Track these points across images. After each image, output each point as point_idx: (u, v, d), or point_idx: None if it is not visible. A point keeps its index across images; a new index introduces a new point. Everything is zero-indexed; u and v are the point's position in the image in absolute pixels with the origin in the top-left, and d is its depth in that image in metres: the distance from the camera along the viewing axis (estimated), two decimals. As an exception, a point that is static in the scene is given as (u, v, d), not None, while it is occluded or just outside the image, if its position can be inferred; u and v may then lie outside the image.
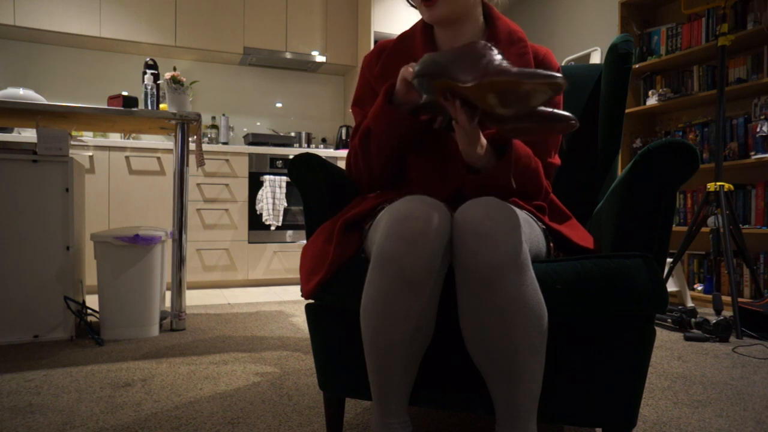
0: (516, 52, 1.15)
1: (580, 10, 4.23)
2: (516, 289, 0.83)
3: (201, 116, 2.60)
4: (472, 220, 0.84)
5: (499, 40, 1.16)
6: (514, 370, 0.87)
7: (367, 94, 1.25)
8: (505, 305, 0.83)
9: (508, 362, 0.86)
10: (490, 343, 0.86)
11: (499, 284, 0.83)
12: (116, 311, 2.22)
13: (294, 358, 1.94)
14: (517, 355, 0.86)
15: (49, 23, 3.66)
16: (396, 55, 1.21)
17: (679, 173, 0.95)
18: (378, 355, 0.92)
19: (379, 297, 0.88)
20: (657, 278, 0.93)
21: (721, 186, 2.61)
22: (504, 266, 0.82)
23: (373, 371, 0.94)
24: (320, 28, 4.45)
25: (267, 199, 3.78)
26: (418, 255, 0.84)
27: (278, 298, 3.39)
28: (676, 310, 2.51)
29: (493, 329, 0.85)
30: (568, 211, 1.22)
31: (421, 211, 0.85)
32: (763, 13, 3.00)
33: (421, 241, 0.84)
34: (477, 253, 0.83)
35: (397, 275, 0.85)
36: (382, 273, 0.87)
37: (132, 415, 1.39)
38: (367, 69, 1.25)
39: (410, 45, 1.21)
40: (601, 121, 1.44)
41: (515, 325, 0.84)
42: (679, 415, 1.42)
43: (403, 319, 0.88)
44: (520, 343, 0.85)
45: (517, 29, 1.20)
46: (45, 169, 2.18)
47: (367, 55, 1.27)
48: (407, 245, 0.84)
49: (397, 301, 0.87)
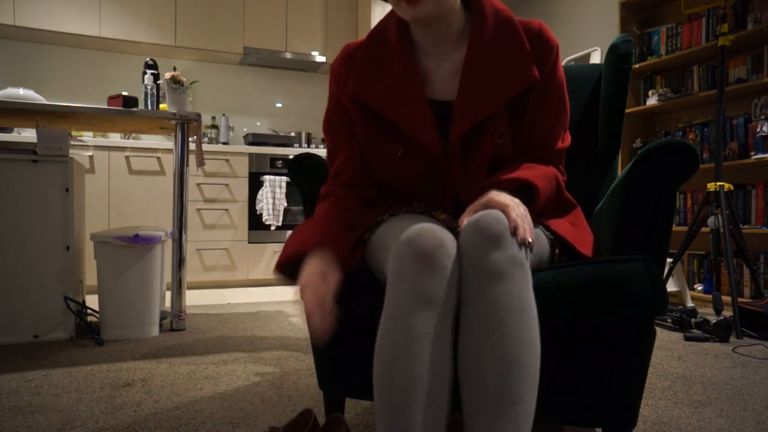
0: (506, 37, 1.05)
1: (580, 10, 4.23)
2: (520, 289, 0.81)
3: (201, 116, 2.60)
4: (483, 225, 0.83)
5: (485, 24, 1.06)
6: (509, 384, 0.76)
7: (338, 115, 1.13)
8: (508, 305, 0.79)
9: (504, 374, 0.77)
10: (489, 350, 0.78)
11: (505, 279, 0.80)
12: (116, 311, 2.22)
13: (294, 358, 1.94)
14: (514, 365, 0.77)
15: (49, 23, 3.66)
16: (370, 65, 1.08)
17: (679, 173, 0.95)
18: (393, 394, 0.77)
19: (397, 320, 0.81)
20: (657, 281, 0.93)
21: (721, 186, 2.61)
22: (512, 263, 0.81)
23: (384, 418, 0.77)
24: (320, 28, 4.45)
25: (267, 199, 3.78)
26: (434, 272, 0.81)
27: (278, 298, 3.39)
28: (676, 310, 2.51)
29: (492, 334, 0.79)
30: (573, 199, 1.17)
31: (430, 229, 0.84)
32: (763, 13, 3.00)
33: (436, 257, 0.82)
34: (486, 251, 0.82)
35: (413, 293, 0.81)
36: (398, 294, 0.83)
37: (132, 415, 1.39)
38: (336, 83, 1.12)
39: (384, 48, 1.09)
40: (601, 121, 1.44)
41: (516, 329, 0.79)
42: (679, 415, 1.42)
43: (421, 344, 0.78)
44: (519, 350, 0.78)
45: (503, 8, 1.08)
46: (45, 169, 2.18)
47: (334, 64, 1.13)
48: (422, 263, 0.82)
49: (415, 322, 0.79)
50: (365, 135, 1.10)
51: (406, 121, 1.05)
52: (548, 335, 1.01)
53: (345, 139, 1.14)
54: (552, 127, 1.10)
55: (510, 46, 1.04)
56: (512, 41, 1.04)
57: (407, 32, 1.10)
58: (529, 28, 1.06)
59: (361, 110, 1.09)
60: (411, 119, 1.05)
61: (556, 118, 1.10)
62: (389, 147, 1.08)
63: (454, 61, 1.09)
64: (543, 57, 1.06)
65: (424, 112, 1.04)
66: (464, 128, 1.03)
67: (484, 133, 1.05)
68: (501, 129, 1.05)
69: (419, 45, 1.09)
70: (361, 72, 1.08)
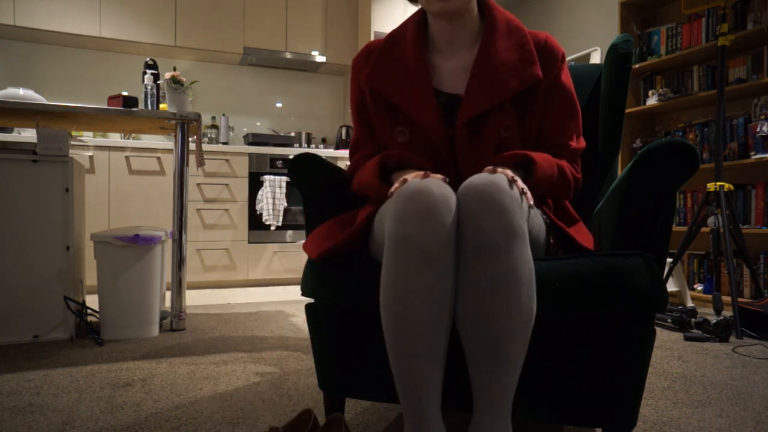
0: (515, 42, 1.14)
1: (580, 10, 4.23)
2: (518, 257, 0.84)
3: (201, 116, 2.60)
4: (478, 189, 0.85)
5: (497, 29, 1.15)
6: (503, 348, 0.86)
7: (362, 99, 1.23)
8: (507, 272, 0.84)
9: (499, 338, 0.86)
10: (485, 315, 0.85)
11: (504, 250, 0.83)
12: (116, 311, 2.22)
13: (294, 358, 1.94)
14: (509, 330, 0.85)
15: (49, 23, 3.66)
16: (385, 58, 1.18)
17: (679, 173, 0.95)
18: (404, 350, 0.87)
19: (399, 280, 0.86)
20: (656, 277, 0.93)
21: (721, 186, 2.61)
22: (509, 233, 0.83)
23: (400, 372, 0.88)
24: (320, 28, 4.45)
25: (267, 199, 3.78)
26: (433, 230, 0.84)
27: (278, 298, 3.39)
28: (676, 310, 2.51)
29: (491, 299, 0.85)
30: (576, 214, 1.21)
31: (426, 187, 0.86)
32: (763, 13, 3.00)
33: (433, 215, 0.84)
34: (482, 219, 0.84)
35: (414, 254, 0.85)
36: (398, 254, 0.86)
37: (132, 415, 1.39)
38: (357, 72, 1.23)
39: (400, 45, 1.19)
40: (601, 121, 1.44)
41: (514, 298, 0.85)
42: (679, 415, 1.42)
43: (425, 299, 0.85)
44: (514, 317, 0.85)
45: (513, 18, 1.18)
46: (45, 169, 2.18)
47: (356, 57, 1.25)
48: (420, 222, 0.85)
49: (417, 279, 0.85)
50: (377, 120, 1.19)
51: (411, 106, 1.13)
52: (548, 335, 1.01)
53: (362, 120, 1.25)
54: (562, 128, 1.16)
55: (518, 50, 1.13)
56: (520, 46, 1.13)
57: (424, 32, 1.20)
58: (537, 37, 1.17)
59: (375, 97, 1.18)
60: (415, 105, 1.13)
61: (566, 120, 1.16)
62: (397, 132, 1.16)
63: (465, 59, 1.18)
64: (548, 63, 1.15)
65: (428, 99, 1.12)
66: (470, 115, 1.09)
67: (490, 124, 1.11)
68: (506, 122, 1.11)
69: (434, 43, 1.20)
70: (375, 64, 1.18)
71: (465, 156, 1.12)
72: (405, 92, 1.14)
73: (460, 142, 1.11)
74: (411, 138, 1.15)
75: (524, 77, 1.10)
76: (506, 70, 1.10)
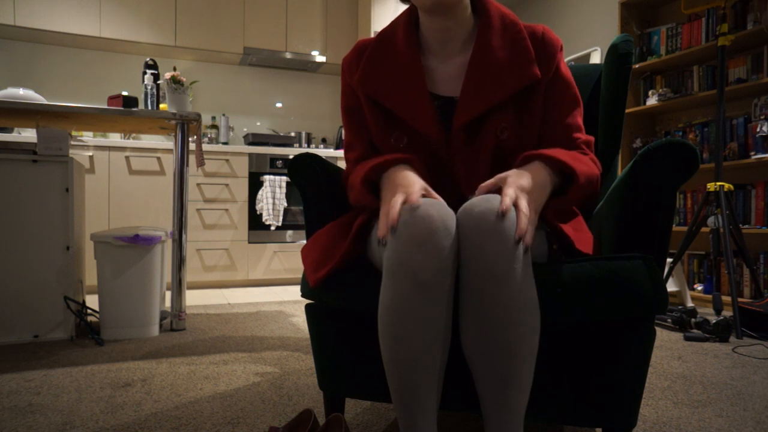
0: (511, 38, 1.10)
1: (580, 10, 4.23)
2: (521, 283, 0.83)
3: (201, 116, 2.60)
4: (477, 216, 0.84)
5: (491, 26, 1.11)
6: (512, 370, 0.85)
7: (353, 99, 1.20)
8: (510, 298, 0.83)
9: (507, 361, 0.85)
10: (492, 340, 0.84)
11: (505, 276, 0.82)
12: (116, 311, 2.22)
13: (294, 358, 1.94)
14: (516, 354, 0.85)
15: (49, 23, 3.66)
16: (377, 57, 1.15)
17: (679, 173, 0.95)
18: (400, 370, 0.87)
19: (395, 303, 0.86)
20: (657, 280, 0.93)
21: (721, 186, 2.61)
22: (510, 259, 0.82)
23: (397, 390, 0.88)
24: (320, 28, 4.45)
25: (267, 199, 3.78)
26: (430, 256, 0.83)
27: (278, 298, 3.39)
28: (676, 310, 2.51)
29: (495, 325, 0.84)
30: (575, 208, 1.19)
31: (427, 213, 0.85)
32: (763, 13, 3.00)
33: (431, 241, 0.83)
34: (483, 246, 0.83)
35: (410, 279, 0.84)
36: (394, 280, 0.86)
37: (132, 415, 1.39)
38: (348, 73, 1.19)
39: (392, 47, 1.15)
40: (601, 121, 1.44)
41: (518, 322, 0.84)
42: (679, 415, 1.42)
43: (422, 324, 0.85)
44: (520, 339, 0.84)
45: (509, 12, 1.14)
46: (45, 169, 2.18)
47: (346, 57, 1.21)
48: (417, 247, 0.84)
49: (413, 305, 0.85)
50: (373, 125, 1.16)
51: (406, 111, 1.10)
52: (548, 335, 1.01)
53: (352, 121, 1.21)
54: (571, 121, 1.12)
55: (514, 48, 1.09)
56: (517, 43, 1.09)
57: (415, 33, 1.16)
58: (533, 31, 1.12)
59: (369, 101, 1.15)
60: (411, 110, 1.10)
61: (573, 112, 1.12)
62: (394, 137, 1.13)
63: (459, 61, 1.14)
64: (547, 56, 1.11)
65: (424, 103, 1.09)
66: (466, 118, 1.07)
67: (487, 126, 1.08)
68: (504, 124, 1.08)
69: (427, 45, 1.16)
70: (367, 65, 1.15)
71: (462, 159, 1.10)
72: (401, 98, 1.11)
73: (456, 145, 1.09)
74: (408, 143, 1.13)
75: (521, 77, 1.07)
76: (502, 70, 1.07)
